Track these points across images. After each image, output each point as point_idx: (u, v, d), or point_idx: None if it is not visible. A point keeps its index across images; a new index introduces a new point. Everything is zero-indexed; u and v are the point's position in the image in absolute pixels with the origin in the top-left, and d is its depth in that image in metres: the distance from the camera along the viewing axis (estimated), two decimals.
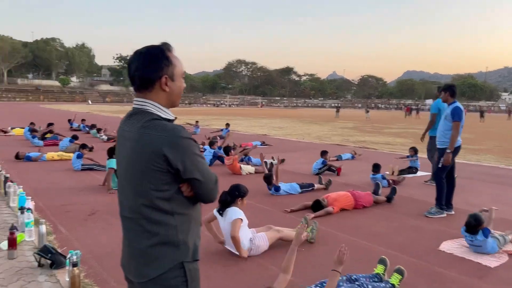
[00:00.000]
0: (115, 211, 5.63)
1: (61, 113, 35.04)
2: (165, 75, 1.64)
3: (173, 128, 1.58)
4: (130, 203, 1.65)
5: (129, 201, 1.65)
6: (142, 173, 1.58)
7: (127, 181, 1.65)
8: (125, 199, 1.68)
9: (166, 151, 1.54)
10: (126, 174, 1.65)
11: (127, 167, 1.64)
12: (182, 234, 1.64)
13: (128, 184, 1.64)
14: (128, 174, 1.64)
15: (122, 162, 1.68)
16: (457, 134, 5.80)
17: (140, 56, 1.63)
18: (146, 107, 1.64)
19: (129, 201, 1.65)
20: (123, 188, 1.69)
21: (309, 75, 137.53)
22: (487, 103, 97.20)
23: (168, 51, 1.66)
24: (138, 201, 1.61)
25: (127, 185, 1.65)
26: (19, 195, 5.33)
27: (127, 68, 1.67)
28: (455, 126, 5.78)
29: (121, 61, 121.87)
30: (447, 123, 5.91)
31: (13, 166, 8.81)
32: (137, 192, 1.61)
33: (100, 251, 4.28)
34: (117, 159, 1.75)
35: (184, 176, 1.60)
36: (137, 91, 1.67)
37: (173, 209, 1.62)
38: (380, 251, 4.42)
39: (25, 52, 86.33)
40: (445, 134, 5.91)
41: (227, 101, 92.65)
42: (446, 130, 5.90)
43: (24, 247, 4.24)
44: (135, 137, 1.59)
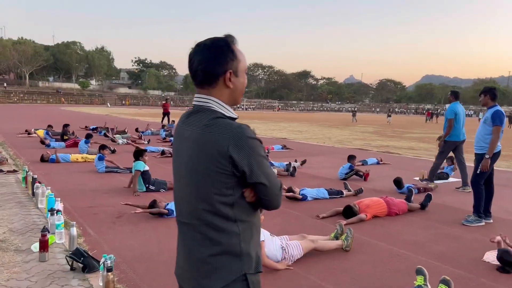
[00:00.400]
0: (142, 214, 5.60)
1: (81, 115, 35.50)
2: (229, 70, 1.51)
3: (238, 127, 1.44)
4: (189, 208, 1.51)
5: (189, 205, 1.52)
6: (204, 175, 1.45)
7: (187, 184, 1.52)
8: (183, 203, 1.55)
9: (232, 151, 1.41)
10: (186, 176, 1.52)
11: (187, 169, 1.51)
12: (245, 243, 1.50)
13: (187, 187, 1.51)
14: (188, 176, 1.51)
15: (181, 163, 1.55)
16: (497, 139, 5.56)
17: (204, 49, 1.50)
18: (209, 104, 1.51)
19: (188, 206, 1.52)
20: (182, 191, 1.56)
21: (326, 79, 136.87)
22: (510, 108, 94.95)
23: (233, 44, 1.53)
24: (199, 205, 1.48)
25: (187, 188, 1.52)
26: (48, 197, 5.29)
27: (189, 62, 1.54)
28: (495, 131, 5.54)
29: (139, 64, 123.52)
30: (487, 127, 5.67)
31: (38, 167, 8.84)
32: (198, 196, 1.48)
33: (130, 255, 4.18)
34: (174, 160, 1.62)
35: (250, 180, 1.46)
36: (199, 87, 1.54)
37: (236, 215, 1.49)
38: (420, 261, 4.22)
39: (47, 55, 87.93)
40: (485, 138, 5.67)
41: (244, 105, 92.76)
42: (486, 134, 5.66)
43: (54, 249, 4.16)
44: (197, 137, 1.46)
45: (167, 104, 26.76)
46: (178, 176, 1.58)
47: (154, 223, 5.33)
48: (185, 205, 1.54)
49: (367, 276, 3.84)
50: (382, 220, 5.72)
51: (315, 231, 5.01)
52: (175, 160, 1.61)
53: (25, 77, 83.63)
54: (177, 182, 1.60)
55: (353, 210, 5.67)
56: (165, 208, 5.54)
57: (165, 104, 26.69)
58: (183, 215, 1.55)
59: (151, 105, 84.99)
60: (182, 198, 1.56)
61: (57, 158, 9.83)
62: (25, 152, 11.29)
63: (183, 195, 1.55)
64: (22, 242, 4.37)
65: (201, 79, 1.51)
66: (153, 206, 5.47)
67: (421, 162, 11.70)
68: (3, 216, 5.27)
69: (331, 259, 4.21)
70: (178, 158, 1.58)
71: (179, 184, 1.58)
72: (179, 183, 1.58)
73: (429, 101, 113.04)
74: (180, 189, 1.57)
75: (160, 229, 5.08)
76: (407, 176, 9.18)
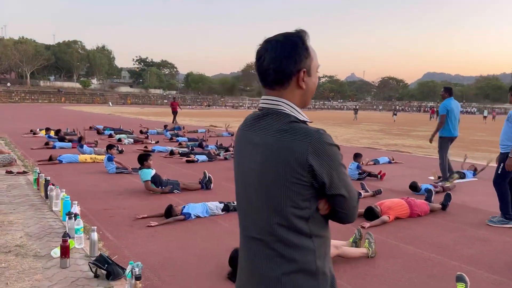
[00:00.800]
0: (159, 217, 5.46)
1: (84, 115, 35.41)
2: (303, 69, 1.37)
3: (317, 132, 1.30)
4: (261, 222, 1.37)
5: (260, 219, 1.37)
6: (279, 186, 1.30)
7: (258, 196, 1.37)
8: (253, 216, 1.40)
9: (312, 160, 1.26)
10: (256, 187, 1.37)
11: (257, 179, 1.36)
12: (320, 261, 1.36)
13: (258, 199, 1.37)
14: (259, 187, 1.36)
15: (248, 173, 1.40)
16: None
17: (277, 45, 1.35)
18: (280, 107, 1.36)
19: (259, 220, 1.37)
20: (250, 203, 1.41)
21: (328, 76, 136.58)
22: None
23: (307, 40, 1.38)
24: (272, 220, 1.33)
25: (257, 201, 1.37)
26: (64, 199, 5.14)
27: (257, 60, 1.39)
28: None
29: (140, 63, 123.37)
30: (510, 126, 5.53)
31: (47, 169, 8.70)
32: (271, 209, 1.33)
33: (153, 261, 4.04)
34: (238, 168, 1.48)
35: (329, 192, 1.32)
36: (268, 88, 1.40)
37: (312, 230, 1.35)
38: (452, 265, 4.08)
39: (48, 54, 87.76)
40: (510, 137, 5.52)
41: (246, 103, 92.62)
42: (511, 133, 5.51)
43: (74, 255, 4.02)
44: (270, 143, 1.32)
45: (176, 103, 26.57)
46: (244, 186, 1.44)
47: (173, 225, 5.19)
48: (255, 218, 1.39)
49: (402, 282, 3.69)
50: (405, 222, 5.57)
51: (336, 234, 4.87)
52: (239, 168, 1.47)
53: (26, 76, 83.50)
54: (243, 192, 1.45)
55: (375, 212, 5.52)
56: (182, 213, 5.40)
57: (173, 103, 26.52)
58: (252, 230, 1.41)
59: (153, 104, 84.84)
60: (250, 211, 1.41)
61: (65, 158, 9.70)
62: (31, 153, 11.16)
63: (252, 208, 1.40)
64: (40, 247, 4.24)
65: (272, 79, 1.37)
66: (169, 211, 5.32)
67: (434, 160, 11.50)
68: (18, 219, 5.13)
69: (362, 265, 4.06)
70: (244, 166, 1.43)
71: (246, 195, 1.43)
72: (245, 194, 1.44)
73: (431, 99, 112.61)
74: (248, 200, 1.42)
75: (179, 232, 4.94)
76: (422, 176, 9.05)
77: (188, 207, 5.51)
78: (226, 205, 5.76)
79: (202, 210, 5.56)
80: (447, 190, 7.11)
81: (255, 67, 1.42)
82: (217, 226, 5.27)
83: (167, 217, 5.29)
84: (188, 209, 5.46)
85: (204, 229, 5.11)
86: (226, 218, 5.56)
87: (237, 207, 1.52)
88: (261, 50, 1.39)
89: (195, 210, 5.51)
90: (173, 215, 5.29)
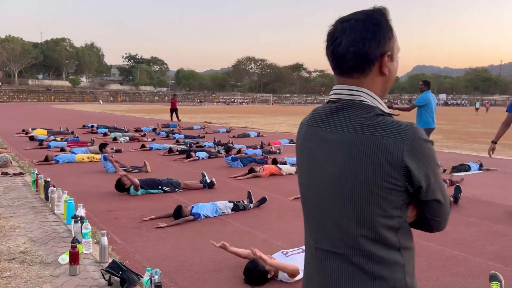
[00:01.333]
0: (167, 218, 5.25)
1: (75, 113, 34.90)
2: (388, 52, 1.17)
3: (410, 127, 1.10)
4: (340, 233, 1.17)
5: (339, 230, 1.17)
6: (366, 192, 1.11)
7: (337, 203, 1.16)
8: (329, 227, 1.20)
9: (408, 161, 1.07)
10: (334, 192, 1.17)
11: (336, 183, 1.16)
12: (409, 277, 1.17)
13: (337, 207, 1.16)
14: (339, 192, 1.15)
15: (323, 177, 1.20)
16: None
17: (357, 25, 1.14)
18: (362, 97, 1.16)
19: (338, 231, 1.17)
20: (324, 211, 1.21)
21: (319, 71, 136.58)
22: (502, 97, 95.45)
23: (390, 19, 1.19)
24: (356, 231, 1.14)
25: (335, 209, 1.17)
26: (67, 202, 4.91)
27: (331, 43, 1.18)
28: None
29: (130, 60, 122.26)
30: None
31: (44, 169, 8.42)
32: (355, 219, 1.13)
33: (167, 265, 3.84)
34: (306, 170, 1.27)
35: (425, 198, 1.13)
36: (344, 76, 1.19)
37: (401, 242, 1.15)
38: (478, 262, 3.94)
39: (36, 52, 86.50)
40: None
41: (238, 99, 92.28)
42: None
43: (83, 261, 3.80)
44: (353, 141, 1.12)
45: (175, 100, 26.04)
46: (317, 192, 1.23)
47: (182, 226, 4.99)
48: (333, 230, 1.19)
49: (431, 282, 3.54)
50: None
51: None
52: (308, 171, 1.26)
53: (14, 75, 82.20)
54: (315, 199, 1.24)
55: None
56: (191, 213, 5.19)
57: (173, 100, 25.99)
58: (328, 243, 1.20)
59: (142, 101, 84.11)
60: (326, 221, 1.21)
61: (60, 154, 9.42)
62: (26, 153, 10.85)
63: (328, 218, 1.20)
64: (46, 253, 4.01)
65: (351, 65, 1.16)
66: (179, 212, 5.10)
67: (444, 154, 11.40)
68: (20, 224, 4.89)
69: None
70: (316, 168, 1.22)
71: (319, 202, 1.22)
72: (318, 201, 1.23)
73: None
74: (323, 209, 1.21)
75: (190, 234, 4.74)
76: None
77: (197, 207, 5.31)
78: (236, 205, 5.57)
79: (212, 210, 5.35)
80: (455, 183, 7.00)
81: (327, 51, 1.22)
82: (228, 226, 5.08)
83: (176, 218, 5.08)
84: (197, 209, 5.25)
85: (215, 230, 4.91)
86: (236, 218, 5.37)
87: (305, 216, 1.32)
88: (335, 31, 1.18)
89: (204, 210, 5.31)
90: (182, 216, 5.08)
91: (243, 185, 7.30)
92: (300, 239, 4.57)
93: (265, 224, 5.13)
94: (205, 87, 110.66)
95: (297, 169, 1.35)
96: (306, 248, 1.33)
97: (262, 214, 5.59)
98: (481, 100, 70.50)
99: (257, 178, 7.96)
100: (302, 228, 1.22)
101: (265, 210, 5.76)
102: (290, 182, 7.67)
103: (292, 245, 4.33)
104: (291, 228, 5.00)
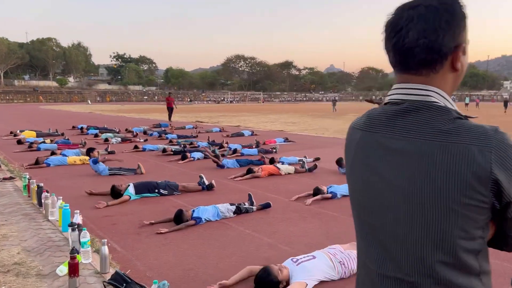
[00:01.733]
0: (167, 223, 5.06)
1: (64, 114, 34.37)
2: (463, 44, 1.00)
3: (496, 132, 0.93)
4: (412, 259, 0.99)
5: (411, 256, 0.99)
6: (444, 210, 0.94)
7: (405, 223, 0.99)
8: (396, 251, 1.02)
9: (498, 173, 0.90)
10: (401, 210, 1.00)
11: (404, 200, 0.99)
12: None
13: (407, 228, 0.99)
14: (408, 211, 0.98)
15: (386, 191, 1.02)
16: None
17: (427, 13, 0.97)
18: (432, 98, 0.99)
19: (409, 257, 0.99)
20: (390, 233, 1.03)
21: (308, 68, 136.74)
22: (489, 92, 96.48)
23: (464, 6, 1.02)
24: (431, 256, 0.96)
25: (405, 230, 0.99)
26: (63, 208, 4.69)
27: (392, 34, 1.01)
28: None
29: (118, 59, 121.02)
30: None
31: (36, 173, 8.14)
32: (431, 243, 0.96)
33: (172, 275, 3.65)
34: (361, 184, 1.10)
35: (511, 215, 0.97)
36: (409, 73, 1.02)
37: (481, 266, 0.99)
38: (495, 264, 3.80)
39: (21, 53, 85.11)
40: None
41: (228, 97, 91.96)
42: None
43: (83, 271, 3.59)
44: (427, 150, 0.94)
45: (171, 99, 25.24)
46: (378, 209, 1.05)
47: (183, 231, 4.80)
48: (401, 254, 1.01)
49: None
50: None
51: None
52: (366, 185, 1.08)
53: (0, 76, 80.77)
54: (375, 217, 1.07)
55: None
56: (192, 217, 5.01)
57: (169, 99, 25.23)
58: (394, 268, 1.02)
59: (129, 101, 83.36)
60: (392, 243, 1.03)
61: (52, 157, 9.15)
62: (15, 156, 10.53)
63: (395, 240, 1.02)
64: (42, 264, 3.79)
65: (421, 60, 0.99)
66: (180, 216, 4.91)
67: None
68: (12, 232, 4.65)
69: None
70: (376, 181, 1.05)
71: (382, 221, 1.05)
72: (379, 219, 1.05)
73: None
74: (387, 229, 1.04)
75: (192, 239, 4.56)
76: None
77: (198, 210, 5.12)
78: (238, 207, 5.40)
79: (213, 214, 5.17)
80: None
81: (387, 44, 1.04)
82: (231, 230, 4.90)
83: (177, 222, 4.88)
84: (198, 213, 5.06)
85: (218, 234, 4.73)
86: (239, 221, 5.20)
87: (362, 236, 1.13)
88: (399, 20, 1.01)
89: (206, 214, 5.12)
90: (183, 220, 4.89)
91: (243, 186, 7.12)
92: (307, 242, 4.42)
93: (270, 228, 4.96)
94: (195, 86, 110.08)
95: (350, 182, 1.17)
96: (361, 269, 1.15)
97: (266, 216, 5.42)
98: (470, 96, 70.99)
99: (256, 178, 7.79)
100: (308, 231, 1.12)
101: (268, 213, 5.59)
102: (290, 182, 7.53)
103: (299, 249, 4.18)
104: (296, 231, 4.84)
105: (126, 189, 6.22)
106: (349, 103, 76.21)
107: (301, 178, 7.89)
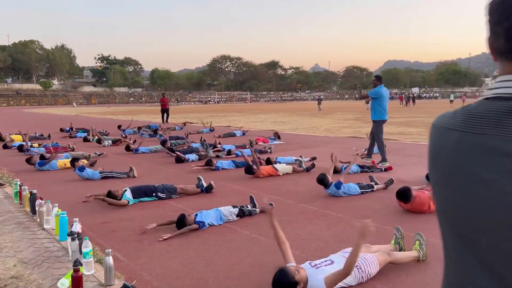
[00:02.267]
0: (166, 227, 4.87)
1: (49, 117, 33.72)
2: None
3: None
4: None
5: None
6: None
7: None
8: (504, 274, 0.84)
9: None
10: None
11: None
12: None
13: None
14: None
15: (500, 206, 0.82)
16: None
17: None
18: None
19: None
20: (498, 255, 0.84)
21: (294, 68, 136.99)
22: (471, 89, 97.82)
23: None
24: None
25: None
26: (60, 216, 4.46)
27: (501, 16, 0.83)
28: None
29: (102, 61, 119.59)
30: None
31: (27, 178, 7.83)
32: None
33: (181, 284, 3.47)
34: (463, 198, 0.89)
35: None
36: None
37: None
38: None
39: (3, 56, 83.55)
40: None
41: (216, 98, 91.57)
42: None
43: (86, 284, 3.39)
44: None
45: (166, 100, 24.63)
46: (488, 229, 0.85)
47: (187, 236, 4.62)
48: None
49: None
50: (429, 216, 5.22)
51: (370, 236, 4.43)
52: (471, 196, 0.88)
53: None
54: (483, 234, 0.87)
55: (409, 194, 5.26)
56: (195, 222, 4.83)
57: (163, 100, 24.57)
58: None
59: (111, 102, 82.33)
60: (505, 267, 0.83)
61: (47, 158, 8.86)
62: (3, 161, 10.18)
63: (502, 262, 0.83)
64: (41, 277, 3.57)
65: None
66: (182, 221, 4.72)
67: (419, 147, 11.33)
68: (6, 242, 4.41)
69: (417, 271, 3.64)
70: (483, 194, 0.85)
71: (493, 238, 0.85)
72: (490, 236, 0.85)
73: (395, 86, 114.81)
74: (498, 247, 0.84)
75: (197, 245, 4.38)
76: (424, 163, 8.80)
77: (201, 214, 4.94)
78: (241, 210, 5.24)
79: (216, 218, 5.00)
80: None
81: (497, 28, 0.86)
82: (236, 234, 4.73)
83: (179, 227, 4.70)
84: (201, 217, 4.89)
85: (223, 239, 4.56)
86: (243, 225, 5.03)
87: (459, 257, 0.94)
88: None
89: (209, 218, 4.95)
90: (186, 225, 4.71)
91: (242, 188, 6.96)
92: (317, 245, 4.28)
93: None
94: (181, 86, 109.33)
95: (443, 195, 0.98)
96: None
97: None
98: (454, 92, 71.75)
99: (255, 179, 7.63)
100: (315, 234, 1.00)
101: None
102: (289, 183, 7.39)
103: (309, 253, 4.06)
104: (303, 234, 4.69)
105: (123, 194, 6.01)
106: (334, 102, 76.50)
107: (301, 178, 7.76)
